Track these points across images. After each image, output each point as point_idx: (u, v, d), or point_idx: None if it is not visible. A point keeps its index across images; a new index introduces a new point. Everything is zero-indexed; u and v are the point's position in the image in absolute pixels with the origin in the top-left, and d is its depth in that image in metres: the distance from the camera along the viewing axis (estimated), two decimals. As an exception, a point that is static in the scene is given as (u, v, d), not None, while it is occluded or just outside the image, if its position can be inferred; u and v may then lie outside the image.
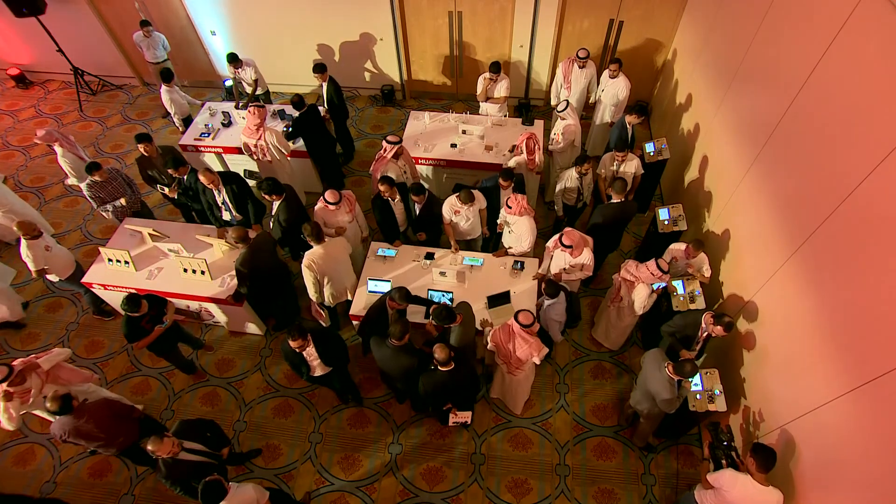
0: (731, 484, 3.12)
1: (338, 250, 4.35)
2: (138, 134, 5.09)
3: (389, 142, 4.95)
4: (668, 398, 3.58)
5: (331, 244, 4.28)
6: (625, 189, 4.59)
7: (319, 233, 4.17)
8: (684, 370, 3.44)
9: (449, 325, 3.76)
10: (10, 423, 3.68)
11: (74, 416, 3.57)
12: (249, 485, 3.27)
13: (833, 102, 3.13)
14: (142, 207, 5.48)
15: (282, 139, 5.57)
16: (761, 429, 3.58)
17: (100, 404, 3.74)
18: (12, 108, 8.06)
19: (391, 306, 3.90)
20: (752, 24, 4.29)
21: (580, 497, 4.25)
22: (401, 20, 6.91)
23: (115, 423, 3.78)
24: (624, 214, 4.77)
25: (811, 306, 3.15)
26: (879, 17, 2.75)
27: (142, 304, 3.94)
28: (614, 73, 5.78)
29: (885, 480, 2.47)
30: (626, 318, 4.58)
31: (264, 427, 4.69)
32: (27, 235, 4.35)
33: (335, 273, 4.41)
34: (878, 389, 2.53)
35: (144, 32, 6.68)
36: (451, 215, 4.70)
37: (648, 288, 4.14)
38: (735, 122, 4.50)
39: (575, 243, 4.19)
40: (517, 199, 4.42)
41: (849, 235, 2.87)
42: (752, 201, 4.03)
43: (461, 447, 4.54)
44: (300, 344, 3.60)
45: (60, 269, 4.74)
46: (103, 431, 3.68)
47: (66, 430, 3.55)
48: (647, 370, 3.78)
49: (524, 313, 3.68)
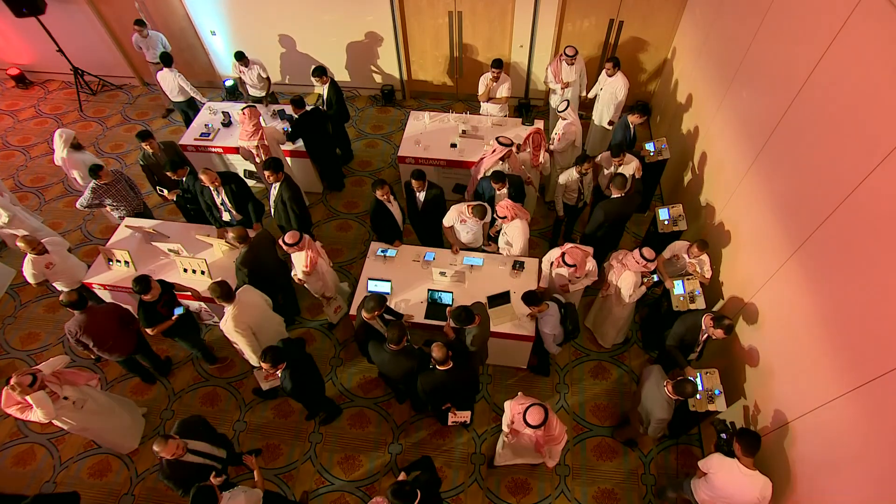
0: (718, 467, 3.19)
1: (250, 298, 4.08)
2: (140, 132, 5.09)
3: (502, 143, 4.83)
4: (664, 418, 3.52)
5: (241, 296, 3.99)
6: (625, 184, 4.57)
7: (228, 291, 3.86)
8: (685, 390, 3.36)
9: (467, 325, 3.72)
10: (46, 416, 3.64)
11: (87, 314, 3.97)
12: (242, 495, 3.22)
13: (833, 102, 3.12)
14: (144, 209, 5.50)
15: (280, 136, 5.56)
16: (762, 429, 3.58)
17: (108, 307, 4.23)
18: (12, 108, 8.07)
19: (368, 319, 3.82)
20: (752, 23, 4.29)
21: (580, 497, 4.25)
22: (401, 20, 6.91)
23: (121, 326, 4.22)
24: (626, 209, 4.76)
25: (811, 306, 3.14)
26: (879, 17, 2.75)
27: (152, 286, 3.98)
28: (611, 72, 5.77)
29: (885, 480, 2.47)
30: (616, 309, 4.56)
31: (264, 427, 4.69)
32: (32, 251, 4.34)
33: (262, 320, 4.12)
34: (879, 389, 2.53)
35: (140, 33, 6.65)
36: (455, 222, 4.66)
37: (636, 276, 4.16)
38: (735, 122, 4.50)
39: (578, 262, 4.10)
40: (504, 206, 4.37)
41: (849, 235, 2.87)
42: (753, 201, 4.03)
43: (461, 447, 4.54)
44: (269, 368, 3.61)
45: (65, 282, 4.71)
46: (111, 332, 4.12)
47: (80, 325, 3.94)
48: (646, 387, 3.71)
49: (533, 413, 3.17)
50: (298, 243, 4.19)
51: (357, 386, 4.94)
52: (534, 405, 3.20)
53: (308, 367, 3.94)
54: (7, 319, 5.50)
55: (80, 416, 3.88)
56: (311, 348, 5.21)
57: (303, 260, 4.30)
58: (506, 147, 4.83)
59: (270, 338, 4.16)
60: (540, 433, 3.24)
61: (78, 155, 5.40)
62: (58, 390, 3.69)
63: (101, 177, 4.86)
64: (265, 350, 3.55)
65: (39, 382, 3.53)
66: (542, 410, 3.17)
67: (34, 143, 7.49)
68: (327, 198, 6.62)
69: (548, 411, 3.19)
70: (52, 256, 4.48)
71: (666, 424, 3.64)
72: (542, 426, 3.15)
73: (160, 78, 6.41)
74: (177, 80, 6.37)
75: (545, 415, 3.16)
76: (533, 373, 4.93)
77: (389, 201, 4.66)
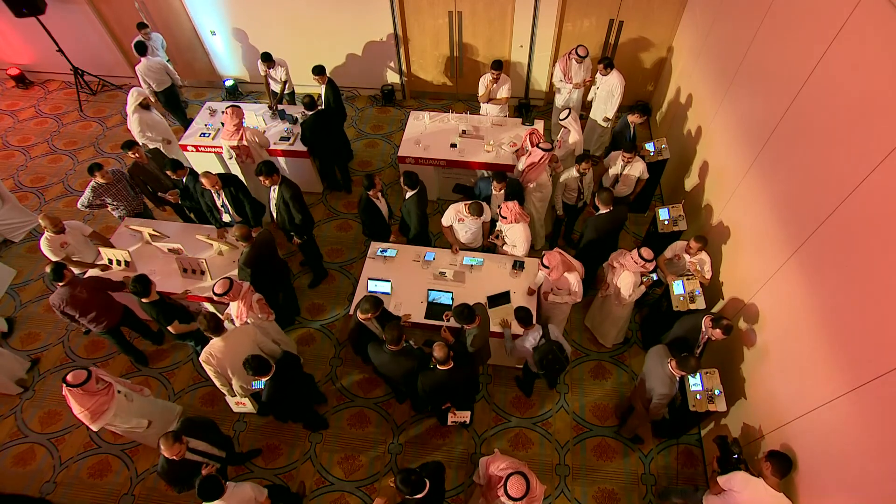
0: (743, 486, 3.11)
1: (240, 342, 3.84)
2: (125, 142, 5.05)
3: (543, 149, 4.79)
4: (666, 393, 3.58)
5: (232, 336, 3.81)
6: (611, 200, 4.49)
7: (218, 324, 3.77)
8: (688, 365, 3.46)
9: (467, 324, 3.72)
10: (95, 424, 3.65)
11: (69, 286, 4.05)
12: (248, 484, 3.27)
13: (833, 102, 3.12)
14: (144, 209, 5.49)
15: (262, 138, 5.49)
16: (762, 429, 3.58)
17: (90, 279, 4.30)
18: (12, 108, 8.07)
19: (364, 320, 3.79)
20: (752, 23, 4.29)
21: (580, 497, 4.25)
22: (401, 20, 6.91)
23: (105, 296, 4.32)
24: (615, 223, 4.73)
25: (811, 306, 3.14)
26: (879, 17, 2.75)
27: (152, 283, 4.02)
28: (604, 72, 5.79)
29: (885, 480, 2.47)
30: (615, 309, 4.56)
31: (264, 427, 4.69)
32: (53, 229, 4.42)
33: (239, 366, 3.82)
34: (879, 389, 2.53)
35: (143, 35, 6.62)
36: (453, 221, 4.66)
37: (634, 276, 4.16)
38: (735, 122, 4.50)
39: (553, 266, 3.99)
40: (509, 207, 4.37)
41: (849, 235, 2.87)
42: (753, 201, 4.03)
43: (461, 447, 4.54)
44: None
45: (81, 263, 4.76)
46: (94, 301, 4.20)
47: (63, 297, 4.04)
48: (649, 365, 3.80)
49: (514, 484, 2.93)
50: (228, 292, 3.85)
51: (357, 386, 4.94)
52: (513, 475, 2.94)
53: (295, 385, 3.85)
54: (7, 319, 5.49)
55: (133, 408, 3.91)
56: (311, 348, 5.21)
57: (234, 311, 4.03)
58: (548, 152, 4.78)
59: (246, 380, 3.93)
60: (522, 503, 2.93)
61: (146, 114, 5.71)
62: (111, 381, 3.72)
63: (101, 175, 4.87)
64: (246, 359, 3.46)
65: (94, 375, 3.55)
66: (522, 480, 2.91)
67: (34, 143, 7.49)
68: (327, 198, 6.62)
69: (528, 478, 2.95)
70: (67, 237, 4.59)
71: (667, 402, 3.67)
72: (525, 497, 2.88)
73: (146, 68, 6.38)
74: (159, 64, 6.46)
75: (526, 485, 2.90)
76: (517, 385, 4.88)
77: (377, 198, 4.68)
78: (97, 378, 3.59)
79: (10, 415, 4.80)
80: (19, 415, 4.80)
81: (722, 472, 3.40)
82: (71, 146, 7.45)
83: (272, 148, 5.89)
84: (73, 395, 3.50)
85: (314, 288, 5.65)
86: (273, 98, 6.59)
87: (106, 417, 3.61)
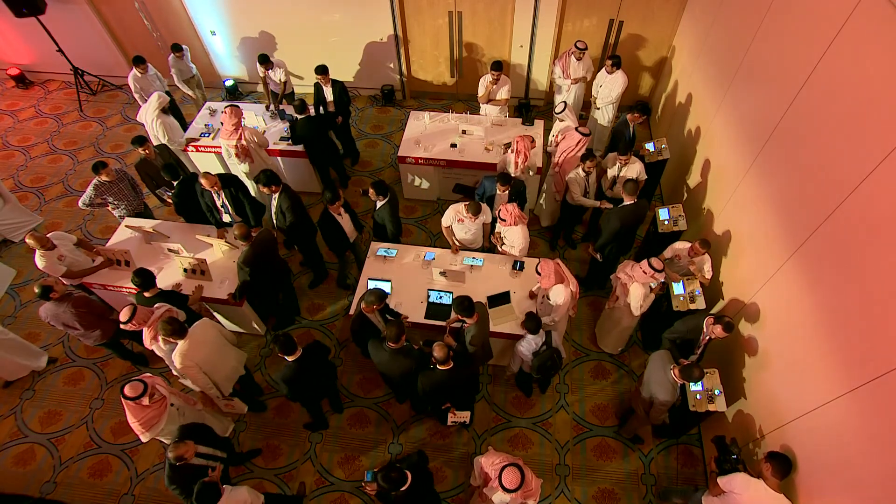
0: (744, 487, 3.10)
1: (203, 332, 3.84)
2: (135, 137, 5.10)
3: (581, 133, 4.98)
4: (667, 400, 3.55)
5: (193, 332, 3.77)
6: (635, 190, 4.49)
7: (180, 328, 3.66)
8: (692, 374, 3.40)
9: (465, 317, 3.73)
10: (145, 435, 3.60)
11: (55, 304, 4.16)
12: (244, 488, 3.25)
13: (833, 102, 3.12)
14: (144, 209, 5.50)
15: (261, 138, 5.48)
16: (762, 429, 3.58)
17: (78, 298, 4.32)
18: (12, 108, 8.07)
19: (367, 311, 3.83)
20: (752, 23, 4.29)
21: (580, 497, 4.25)
22: (401, 20, 6.91)
23: (90, 317, 4.36)
24: (638, 215, 4.71)
25: (811, 306, 3.14)
26: (879, 17, 2.75)
27: (154, 278, 4.06)
28: (610, 70, 5.77)
29: (885, 480, 2.47)
30: (625, 320, 4.55)
31: (264, 427, 4.69)
32: (41, 248, 4.34)
33: (214, 356, 3.88)
34: (879, 389, 2.53)
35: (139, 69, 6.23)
36: (452, 221, 4.66)
37: (644, 287, 4.12)
38: (735, 122, 4.50)
39: (545, 274, 3.94)
40: (509, 210, 4.36)
41: (849, 235, 2.87)
42: (753, 201, 4.03)
43: (461, 447, 4.54)
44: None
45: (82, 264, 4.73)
46: (80, 320, 4.26)
47: (48, 314, 4.20)
48: (651, 370, 3.76)
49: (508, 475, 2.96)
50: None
51: (357, 386, 4.94)
52: (507, 466, 2.96)
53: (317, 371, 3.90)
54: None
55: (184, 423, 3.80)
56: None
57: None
58: (586, 136, 4.94)
59: (226, 376, 4.02)
60: (517, 495, 2.98)
61: (167, 119, 5.75)
62: (166, 394, 3.65)
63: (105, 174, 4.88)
64: (276, 335, 3.50)
65: (150, 389, 3.49)
66: (517, 472, 2.93)
67: (34, 143, 7.49)
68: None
69: (523, 470, 2.98)
70: (60, 250, 4.54)
71: (668, 409, 3.64)
72: (520, 489, 2.91)
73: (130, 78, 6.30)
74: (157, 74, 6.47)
75: (521, 476, 2.93)
76: (515, 384, 4.87)
77: (339, 213, 4.68)
78: (153, 390, 3.53)
79: (10, 415, 4.80)
80: (19, 415, 4.80)
81: (720, 472, 3.39)
82: (71, 146, 7.45)
83: (271, 148, 5.89)
84: (127, 406, 3.46)
85: (314, 288, 5.66)
86: (273, 99, 6.58)
87: (156, 430, 3.56)
